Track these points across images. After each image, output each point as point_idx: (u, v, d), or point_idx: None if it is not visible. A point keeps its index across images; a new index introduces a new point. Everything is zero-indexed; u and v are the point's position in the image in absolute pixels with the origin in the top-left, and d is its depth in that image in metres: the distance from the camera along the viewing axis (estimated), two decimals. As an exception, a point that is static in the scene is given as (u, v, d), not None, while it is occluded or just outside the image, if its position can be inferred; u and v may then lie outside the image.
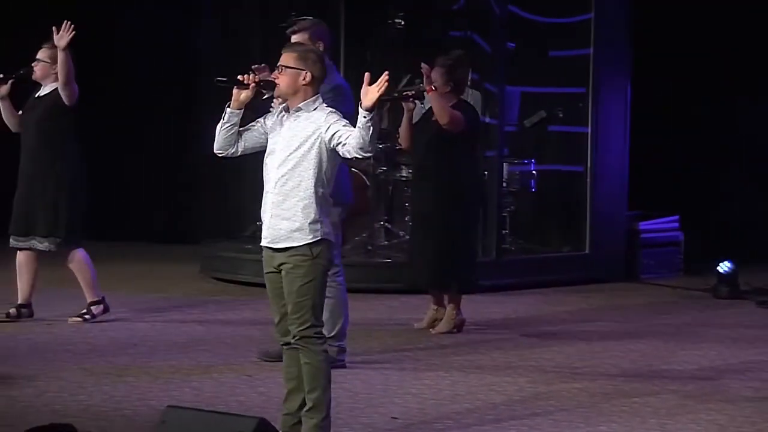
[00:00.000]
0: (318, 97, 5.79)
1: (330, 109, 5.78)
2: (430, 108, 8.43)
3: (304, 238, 5.68)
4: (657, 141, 11.42)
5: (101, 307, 8.53)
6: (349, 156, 5.64)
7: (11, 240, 8.44)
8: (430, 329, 8.53)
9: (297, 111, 5.74)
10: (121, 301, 9.25)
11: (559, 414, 6.47)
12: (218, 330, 8.47)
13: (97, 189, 12.35)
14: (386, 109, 10.48)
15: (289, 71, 5.75)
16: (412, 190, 9.33)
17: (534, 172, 10.70)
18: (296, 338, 5.71)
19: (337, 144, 5.64)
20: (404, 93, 8.51)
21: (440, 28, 10.99)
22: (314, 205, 5.68)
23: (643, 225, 10.97)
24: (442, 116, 8.19)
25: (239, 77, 5.76)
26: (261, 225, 5.91)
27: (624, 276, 10.72)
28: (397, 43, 10.99)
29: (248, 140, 5.85)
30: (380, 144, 10.37)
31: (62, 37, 8.06)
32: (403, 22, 10.89)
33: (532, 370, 7.45)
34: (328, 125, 5.67)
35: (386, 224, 10.42)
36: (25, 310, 8.51)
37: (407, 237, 9.71)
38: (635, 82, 10.77)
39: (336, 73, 7.37)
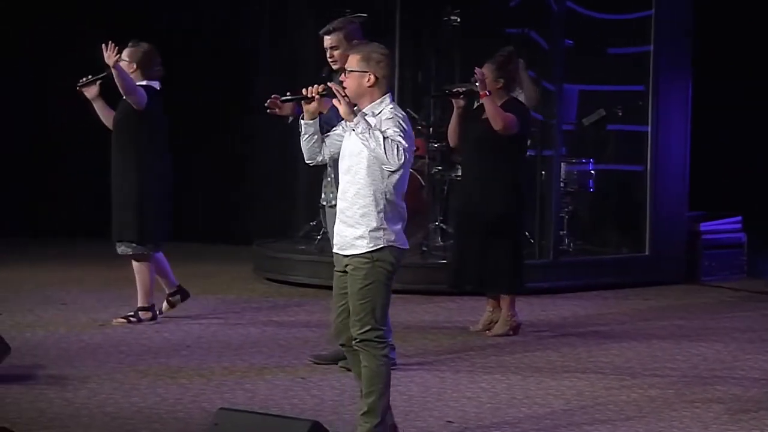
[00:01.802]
0: (385, 98, 5.75)
1: (394, 113, 5.71)
2: (479, 107, 8.41)
3: (365, 246, 5.70)
4: (719, 140, 11.32)
5: (149, 314, 8.59)
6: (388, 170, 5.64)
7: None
8: (487, 331, 8.51)
9: (364, 115, 5.72)
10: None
11: (619, 420, 6.42)
12: (272, 332, 8.50)
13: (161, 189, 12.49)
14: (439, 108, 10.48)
15: (353, 74, 5.74)
16: (459, 190, 9.32)
17: (592, 171, 10.64)
18: (356, 341, 5.74)
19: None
20: (455, 90, 8.51)
21: (496, 25, 10.95)
22: (374, 213, 5.69)
23: (704, 226, 10.87)
24: (496, 122, 8.17)
25: (303, 91, 5.82)
26: (316, 225, 5.93)
27: (685, 278, 10.63)
28: (453, 40, 10.97)
29: (331, 146, 5.91)
30: (435, 144, 10.38)
31: (110, 56, 8.13)
32: (459, 19, 10.87)
33: (591, 373, 7.40)
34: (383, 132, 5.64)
35: (441, 225, 10.41)
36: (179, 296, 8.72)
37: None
38: (697, 80, 10.67)
39: None
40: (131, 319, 8.55)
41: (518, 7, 11.16)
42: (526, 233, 9.82)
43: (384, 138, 5.60)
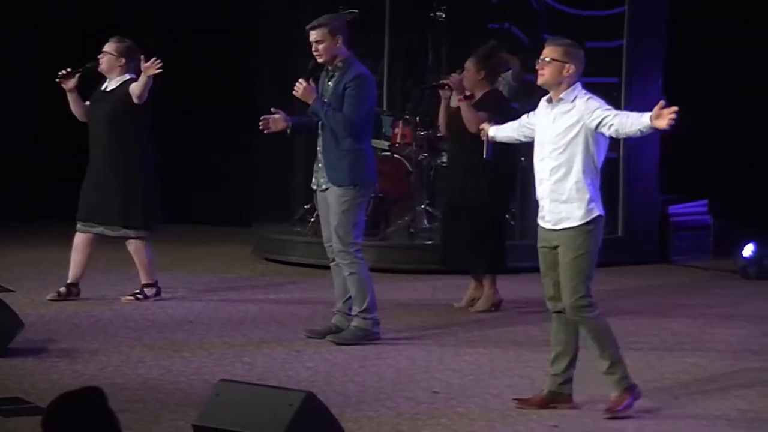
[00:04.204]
0: (576, 86, 5.97)
1: (588, 95, 5.96)
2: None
3: (582, 218, 5.91)
4: (688, 128, 11.33)
5: (154, 290, 8.58)
6: (615, 136, 5.89)
7: (80, 226, 8.48)
8: (470, 308, 8.53)
9: (559, 101, 5.95)
10: (179, 281, 9.32)
11: (594, 388, 6.45)
12: (269, 308, 8.51)
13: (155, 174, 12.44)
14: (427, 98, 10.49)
15: (554, 63, 5.92)
16: (445, 174, 9.34)
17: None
18: (570, 308, 5.93)
19: (603, 127, 5.84)
20: (441, 82, 8.54)
21: (480, 21, 10.95)
22: (586, 187, 5.89)
23: (673, 209, 10.90)
24: (471, 126, 8.18)
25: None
26: (309, 209, 5.91)
27: (656, 258, 10.66)
28: (440, 34, 10.97)
29: (521, 135, 6.27)
30: (422, 132, 10.38)
31: (150, 68, 8.11)
32: (444, 15, 10.87)
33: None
34: (590, 112, 5.87)
35: (428, 208, 10.42)
36: (74, 289, 8.56)
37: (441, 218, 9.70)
38: (668, 73, 10.68)
39: (358, 63, 7.42)
40: (138, 296, 8.55)
41: (501, 3, 11.16)
42: (508, 216, 9.83)
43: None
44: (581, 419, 5.96)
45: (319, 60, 7.37)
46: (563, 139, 5.92)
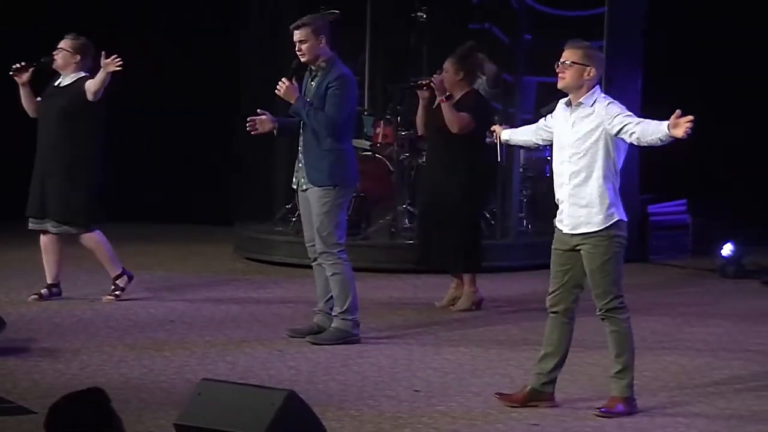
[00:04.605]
0: (595, 90, 5.95)
1: (608, 100, 5.92)
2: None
3: (602, 223, 5.91)
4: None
5: (125, 278, 8.53)
6: (636, 144, 5.86)
7: (31, 223, 8.44)
8: (451, 307, 8.54)
9: (578, 105, 5.93)
10: (161, 280, 9.31)
11: (572, 388, 6.47)
12: (251, 308, 8.50)
13: (134, 171, 12.44)
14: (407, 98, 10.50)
15: (575, 66, 5.91)
16: (423, 174, 9.34)
17: (549, 158, 10.66)
18: (602, 311, 5.98)
19: (624, 134, 5.83)
20: (420, 82, 8.55)
21: (460, 21, 10.97)
22: (606, 192, 5.89)
23: (652, 208, 10.93)
24: (452, 126, 8.22)
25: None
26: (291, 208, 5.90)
27: (635, 257, 10.68)
28: (420, 34, 10.98)
29: (543, 135, 6.19)
30: (403, 132, 10.39)
31: (110, 65, 8.07)
32: (425, 15, 10.88)
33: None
34: (611, 117, 5.84)
35: (409, 207, 10.43)
36: (56, 290, 8.52)
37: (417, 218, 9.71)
38: (647, 73, 10.71)
39: (341, 64, 7.42)
40: (116, 293, 8.52)
41: (481, 4, 11.17)
42: (487, 215, 9.85)
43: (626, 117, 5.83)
44: (561, 418, 5.98)
45: (303, 59, 7.37)
46: (584, 144, 5.91)
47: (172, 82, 11.89)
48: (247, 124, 7.48)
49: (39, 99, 8.47)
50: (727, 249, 10.05)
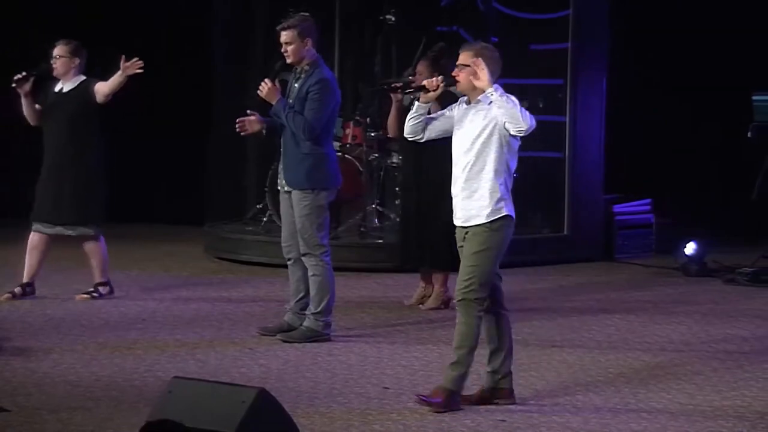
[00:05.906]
0: (495, 88, 5.94)
1: (505, 96, 5.93)
2: (417, 99, 8.44)
3: (489, 216, 5.92)
4: (631, 130, 11.46)
5: (107, 288, 8.56)
6: (517, 133, 5.91)
7: (37, 226, 8.41)
8: (420, 305, 8.56)
9: (476, 104, 5.97)
10: (132, 279, 9.29)
11: (539, 384, 6.50)
12: (222, 307, 8.49)
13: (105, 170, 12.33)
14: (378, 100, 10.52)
15: (467, 69, 5.95)
16: (400, 177, 9.35)
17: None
18: (458, 299, 5.94)
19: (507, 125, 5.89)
20: (393, 85, 8.54)
21: (428, 24, 10.99)
22: (497, 186, 5.91)
23: (617, 208, 11.00)
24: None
25: (425, 83, 6.09)
26: (262, 208, 5.91)
27: (601, 256, 10.75)
28: (389, 36, 11.00)
29: (434, 129, 6.15)
30: (372, 133, 10.40)
31: (130, 68, 8.10)
32: (393, 18, 10.90)
33: (516, 343, 7.40)
34: (500, 113, 5.88)
35: (378, 207, 10.44)
36: (29, 288, 8.50)
37: (398, 219, 9.73)
38: (613, 74, 10.77)
39: (323, 67, 7.41)
40: (93, 294, 8.51)
41: (449, 6, 11.20)
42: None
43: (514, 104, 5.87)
44: (527, 413, 6.01)
45: (288, 61, 7.36)
46: (478, 139, 5.95)
47: (142, 82, 11.85)
48: (236, 125, 7.45)
49: (38, 106, 8.43)
50: (690, 248, 10.12)
